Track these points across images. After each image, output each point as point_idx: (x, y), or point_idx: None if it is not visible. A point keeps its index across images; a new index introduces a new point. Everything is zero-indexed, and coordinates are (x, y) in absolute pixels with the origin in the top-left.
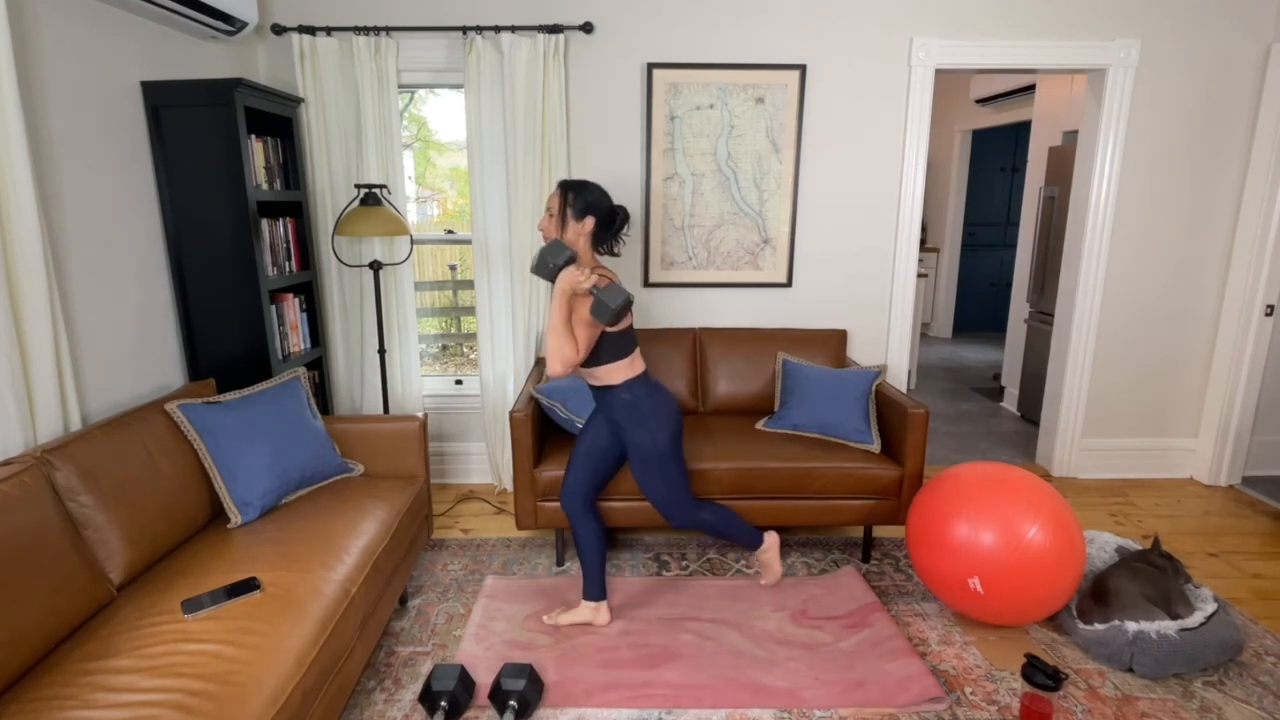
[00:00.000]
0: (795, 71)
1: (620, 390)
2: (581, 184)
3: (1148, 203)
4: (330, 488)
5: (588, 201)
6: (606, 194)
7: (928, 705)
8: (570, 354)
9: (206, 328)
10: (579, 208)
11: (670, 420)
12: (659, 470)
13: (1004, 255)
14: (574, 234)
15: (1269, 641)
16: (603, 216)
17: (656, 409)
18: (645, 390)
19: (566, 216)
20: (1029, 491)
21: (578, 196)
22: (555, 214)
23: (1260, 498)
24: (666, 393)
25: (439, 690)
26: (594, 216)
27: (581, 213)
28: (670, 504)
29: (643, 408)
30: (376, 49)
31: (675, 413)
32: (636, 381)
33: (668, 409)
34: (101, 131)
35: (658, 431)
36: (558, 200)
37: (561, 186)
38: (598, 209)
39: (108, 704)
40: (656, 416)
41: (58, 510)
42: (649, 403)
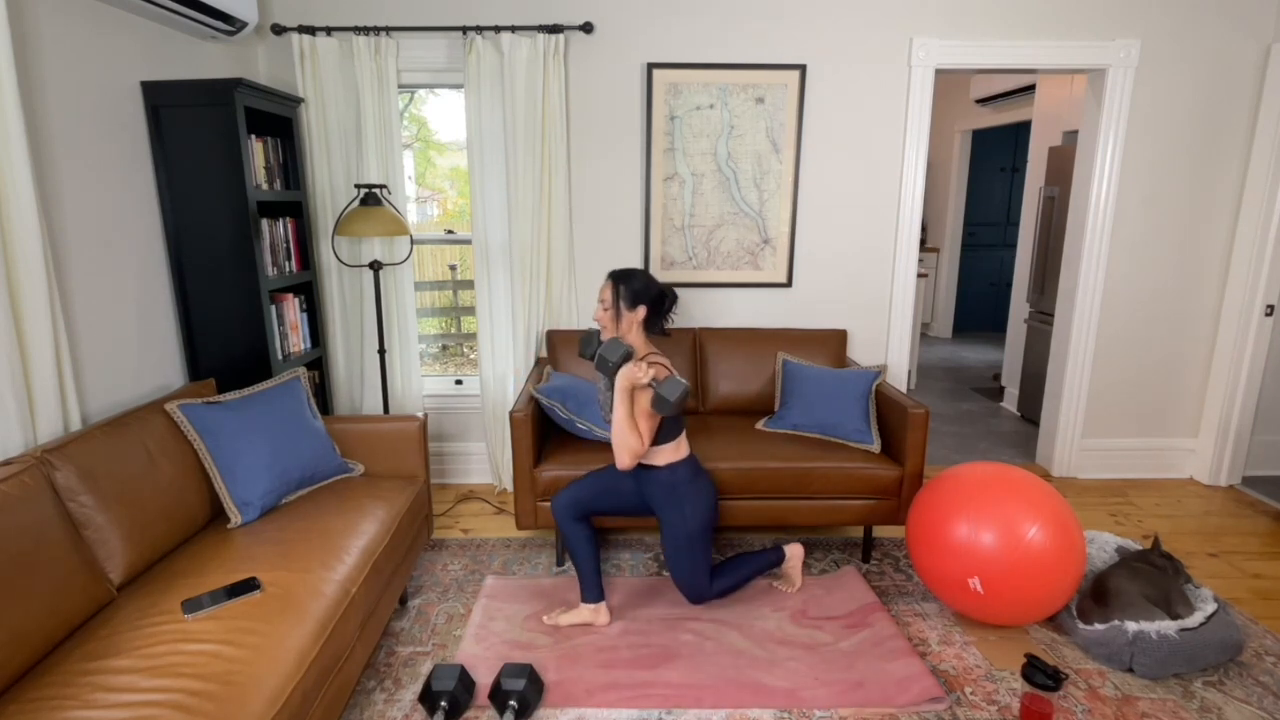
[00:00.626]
0: (795, 71)
1: (663, 472)
2: (629, 274)
3: (1148, 203)
4: (330, 488)
5: (635, 290)
6: (653, 278)
7: (928, 705)
8: (637, 446)
9: (206, 328)
10: (630, 298)
11: (705, 507)
12: (687, 551)
13: (1004, 255)
14: (628, 323)
15: (1269, 641)
16: (652, 302)
17: (696, 494)
18: (688, 474)
19: (620, 308)
20: (1029, 491)
21: (628, 287)
22: (609, 306)
23: (1260, 498)
24: (708, 478)
25: (439, 690)
26: (645, 305)
27: (633, 302)
28: (692, 585)
29: (681, 491)
30: (376, 49)
31: (712, 498)
32: (681, 465)
33: (706, 495)
34: (101, 131)
35: (690, 517)
36: (609, 292)
37: (612, 279)
38: (647, 296)
39: (108, 704)
40: (693, 503)
41: (58, 510)
42: (688, 487)
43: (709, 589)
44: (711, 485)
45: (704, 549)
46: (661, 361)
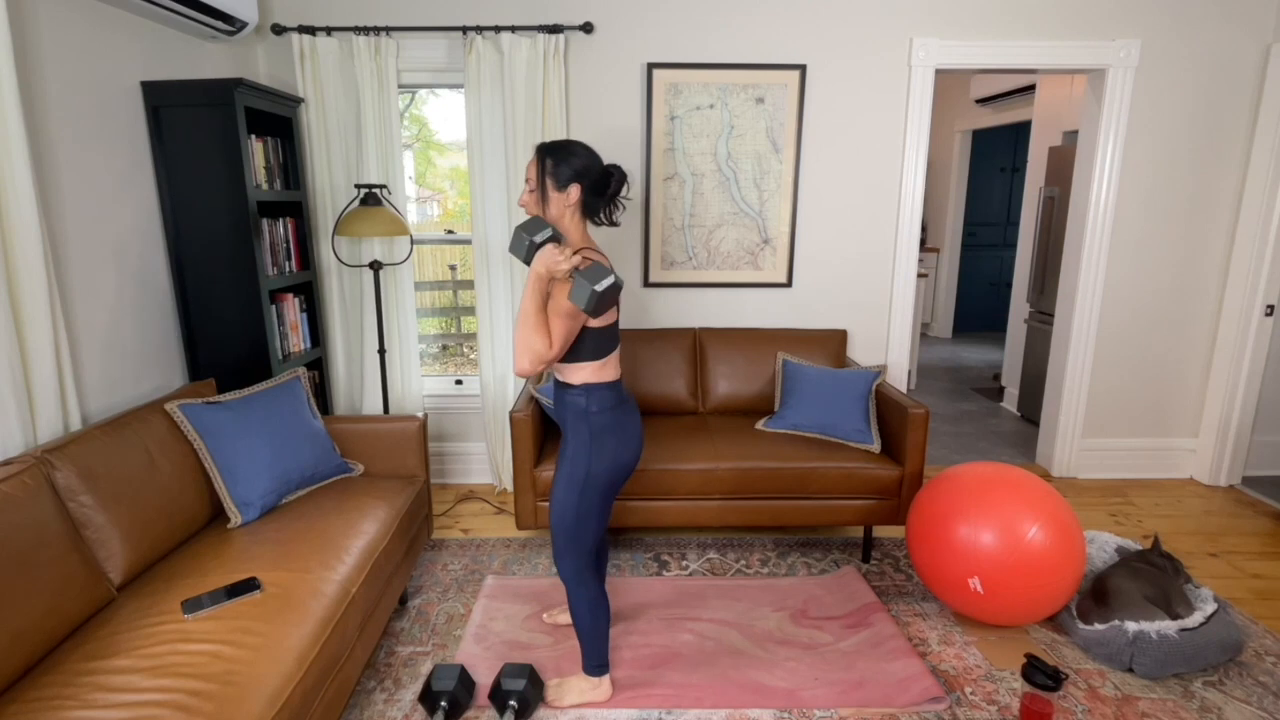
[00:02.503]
0: (795, 71)
1: (576, 392)
2: (562, 146)
3: (1148, 203)
4: (330, 488)
5: (573, 168)
6: (595, 154)
7: (928, 705)
8: (542, 349)
9: (206, 328)
10: (562, 176)
11: (616, 453)
12: (573, 494)
13: (1004, 255)
14: (558, 208)
15: (1269, 641)
16: (593, 181)
17: (605, 430)
18: (608, 401)
19: (546, 187)
20: (1029, 491)
21: (558, 163)
22: (534, 185)
23: (1260, 498)
24: (634, 418)
25: (439, 690)
26: (579, 184)
27: (565, 181)
28: (560, 537)
29: (591, 421)
30: (376, 49)
31: (628, 447)
32: (601, 389)
33: (622, 438)
34: (101, 131)
35: (594, 457)
36: (534, 168)
37: (539, 151)
38: (585, 174)
39: (108, 704)
40: (602, 441)
41: (58, 510)
42: (603, 418)
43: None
44: (634, 429)
45: (597, 505)
46: (595, 254)
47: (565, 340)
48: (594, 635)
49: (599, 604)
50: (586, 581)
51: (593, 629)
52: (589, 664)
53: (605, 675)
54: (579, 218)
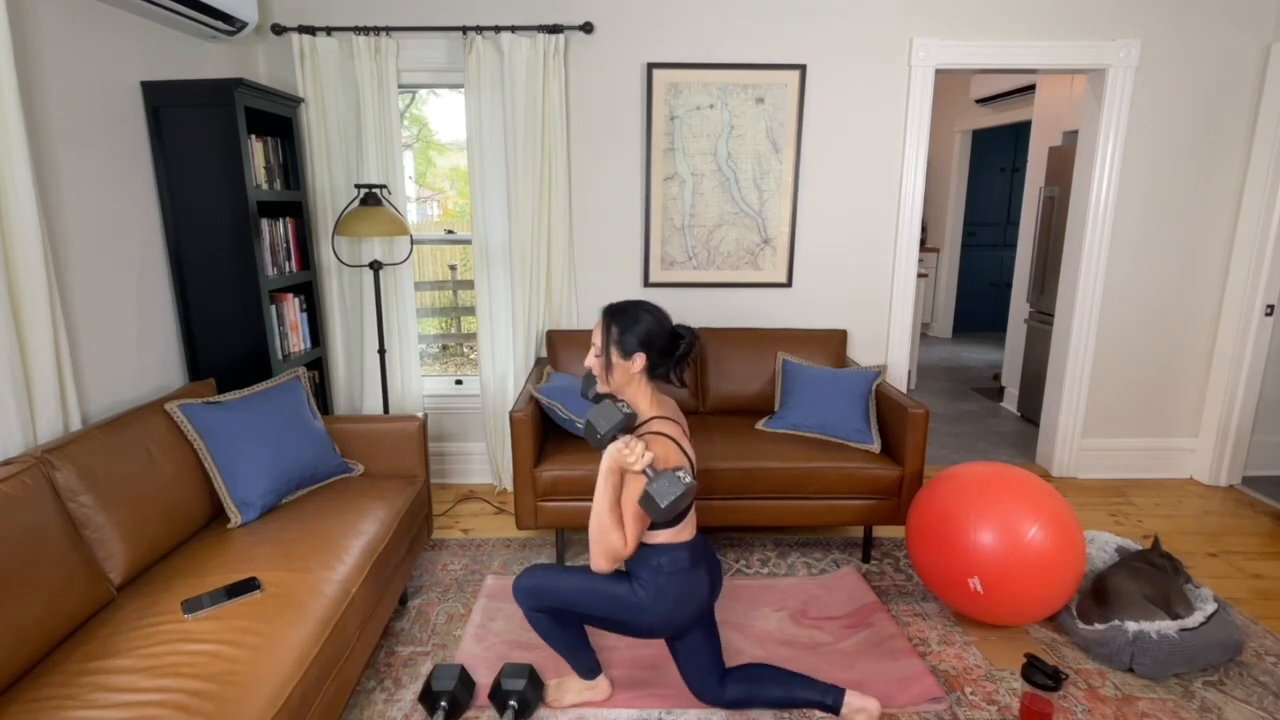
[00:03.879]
0: (795, 71)
1: (651, 551)
2: (629, 311)
3: (1148, 203)
4: (330, 488)
5: (638, 336)
6: (662, 316)
7: (928, 705)
8: (618, 546)
9: (206, 328)
10: (628, 345)
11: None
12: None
13: (1004, 255)
14: (623, 376)
15: (1269, 641)
16: (660, 347)
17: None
18: (683, 564)
19: (611, 355)
20: (1029, 491)
21: (624, 330)
22: (599, 351)
23: (1260, 498)
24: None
25: (439, 690)
26: (645, 353)
27: (627, 348)
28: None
29: (660, 582)
30: (376, 49)
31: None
32: (677, 549)
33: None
34: (101, 131)
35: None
36: (600, 333)
37: (605, 315)
38: (651, 341)
39: (108, 704)
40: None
41: (58, 510)
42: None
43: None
44: (699, 595)
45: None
46: (668, 434)
47: (638, 536)
48: (569, 648)
49: (556, 623)
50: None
51: (564, 643)
52: (578, 672)
53: (599, 675)
54: (645, 383)
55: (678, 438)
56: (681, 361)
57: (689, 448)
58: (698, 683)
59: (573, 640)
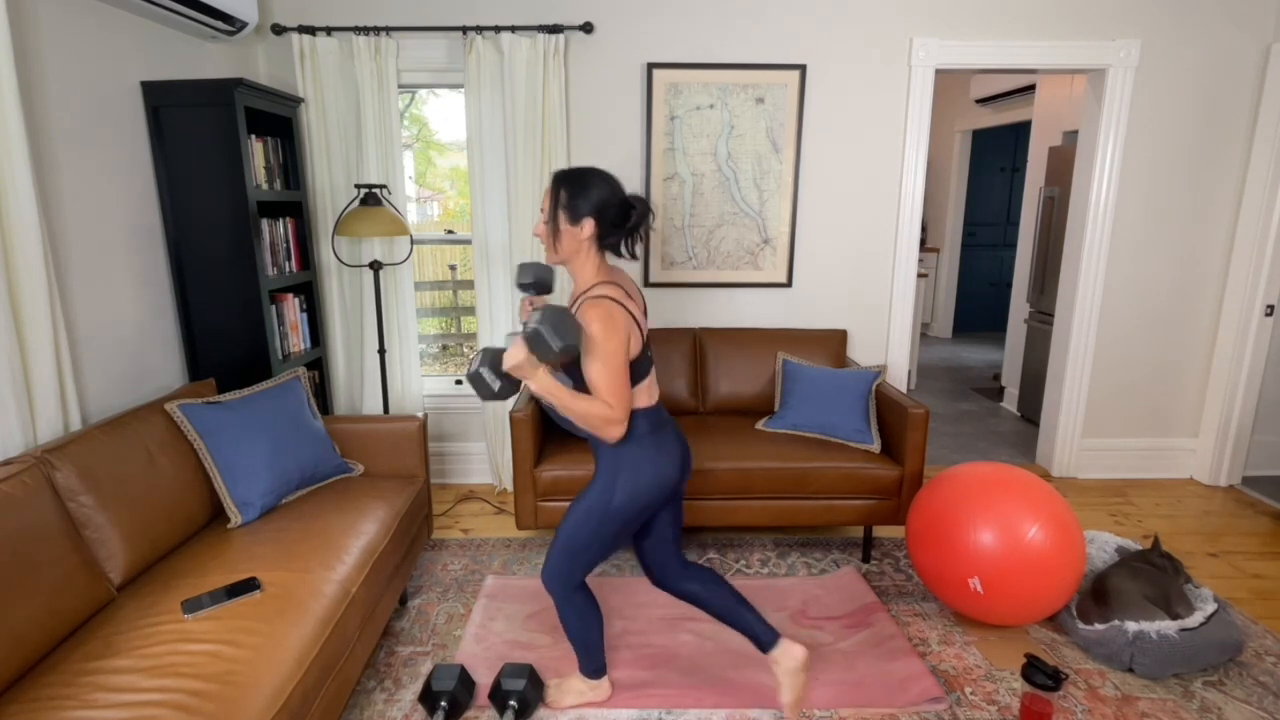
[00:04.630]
0: (795, 71)
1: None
2: (580, 176)
3: (1148, 203)
4: (330, 488)
5: (591, 201)
6: (616, 184)
7: (928, 705)
8: (605, 411)
9: (206, 328)
10: (578, 210)
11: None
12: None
13: (1004, 255)
14: (571, 242)
15: (1269, 641)
16: (612, 215)
17: (637, 460)
18: (641, 429)
19: (559, 220)
20: (1029, 491)
21: (574, 195)
22: (547, 218)
23: (1260, 498)
24: (668, 444)
25: (439, 690)
26: (595, 219)
27: (575, 213)
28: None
29: (620, 453)
30: (376, 49)
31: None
32: (638, 415)
33: (656, 464)
34: (101, 132)
35: (619, 489)
36: (548, 199)
37: (555, 180)
38: (603, 208)
39: (108, 704)
40: (634, 470)
41: (58, 510)
42: (633, 449)
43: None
44: (670, 453)
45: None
46: (609, 295)
47: (617, 388)
48: (587, 643)
49: (588, 612)
50: (572, 597)
51: (585, 638)
52: (585, 669)
53: (603, 677)
54: (594, 253)
55: (620, 299)
56: (633, 232)
57: (636, 310)
58: (662, 569)
59: (594, 636)
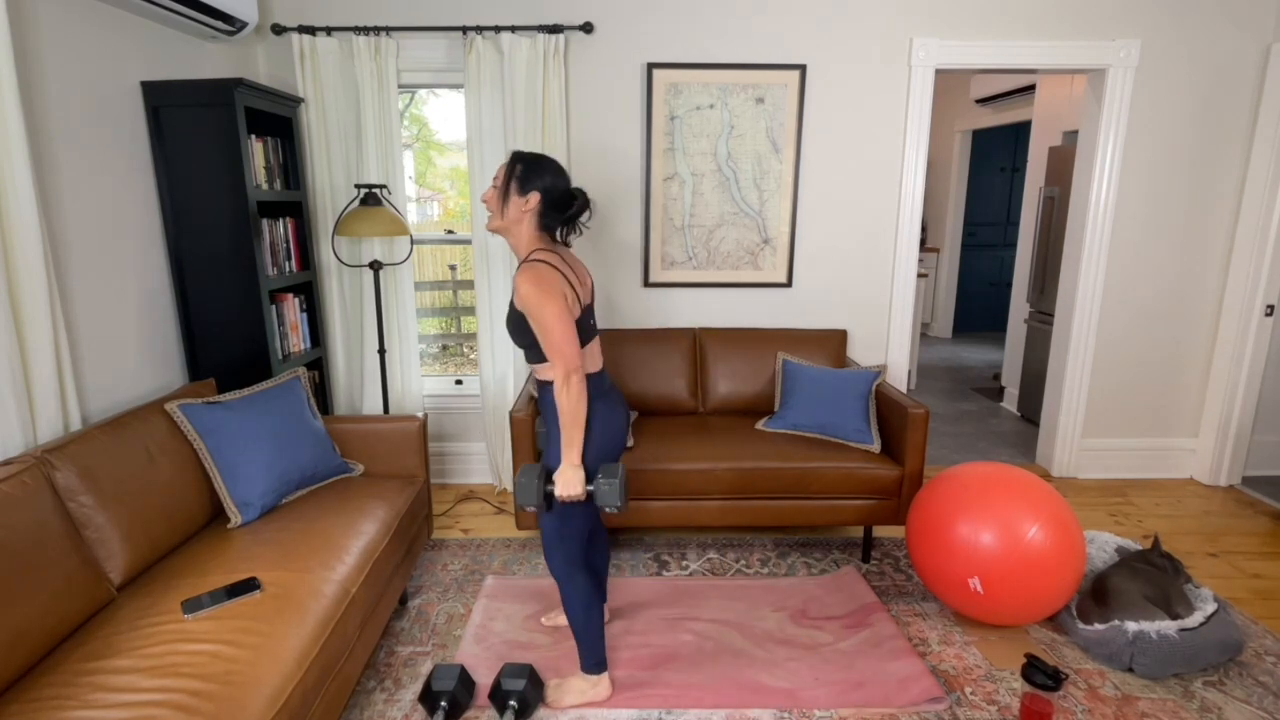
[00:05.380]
0: (795, 71)
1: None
2: (535, 158)
3: (1148, 203)
4: (330, 488)
5: (540, 180)
6: (565, 175)
7: (928, 705)
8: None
9: (206, 328)
10: (523, 179)
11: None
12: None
13: (1004, 255)
14: (516, 210)
15: (1269, 641)
16: (555, 198)
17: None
18: (593, 391)
19: (509, 189)
20: (1029, 491)
21: (527, 170)
22: (499, 184)
23: (1260, 498)
24: (616, 410)
25: (439, 690)
26: (540, 193)
27: (525, 185)
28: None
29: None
30: (376, 49)
31: (611, 437)
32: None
33: (604, 429)
34: (101, 131)
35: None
36: (503, 170)
37: (512, 156)
38: (549, 189)
39: (108, 704)
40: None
41: (58, 510)
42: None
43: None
44: (617, 420)
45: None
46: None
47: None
48: (588, 632)
49: (592, 601)
50: (575, 578)
51: (586, 626)
52: (586, 662)
53: (604, 673)
54: (534, 226)
55: (555, 264)
56: (572, 221)
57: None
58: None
59: (595, 624)
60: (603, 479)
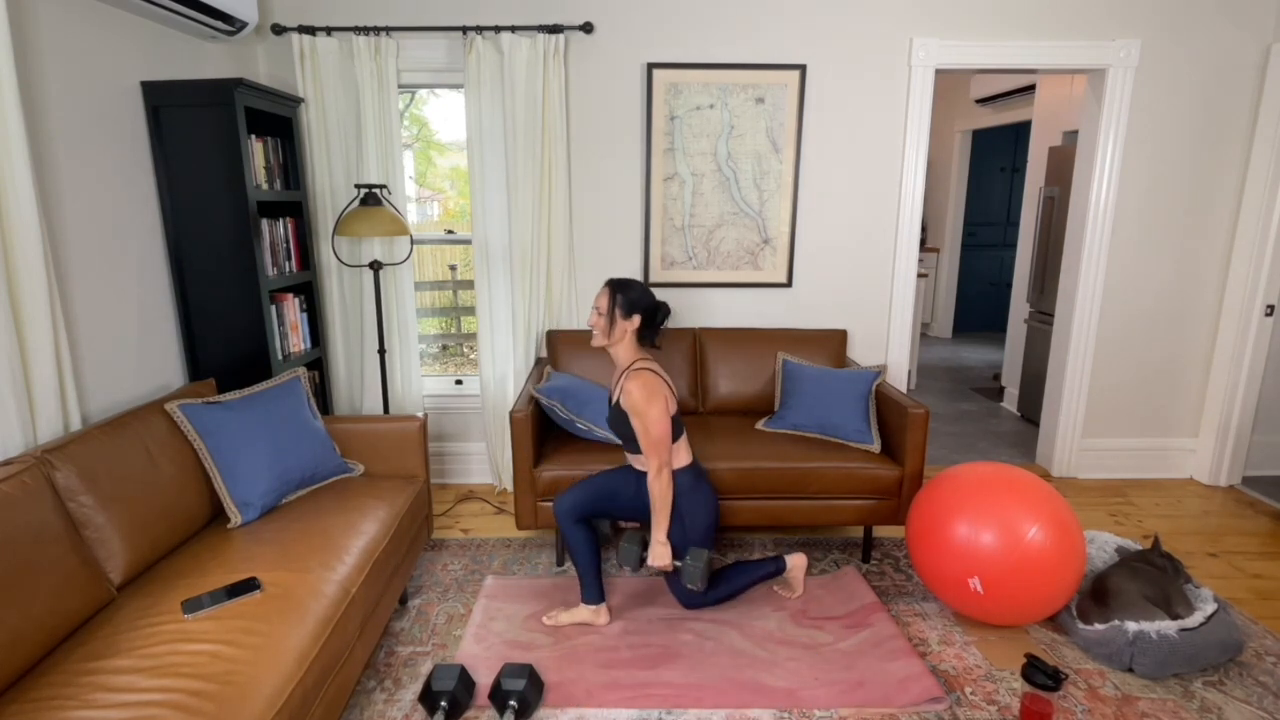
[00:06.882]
0: (795, 71)
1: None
2: (627, 284)
3: (1148, 203)
4: (330, 488)
5: (631, 300)
6: (649, 291)
7: (928, 705)
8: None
9: (206, 328)
10: (625, 306)
11: (704, 518)
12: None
13: (1004, 255)
14: (621, 331)
15: (1269, 641)
16: (646, 312)
17: (694, 506)
18: (687, 483)
19: (615, 315)
20: (1029, 491)
21: (625, 296)
22: (604, 313)
23: (1260, 498)
24: (709, 486)
25: (439, 690)
26: (639, 314)
27: (628, 310)
28: (687, 592)
29: (679, 502)
30: (376, 49)
31: (712, 508)
32: (680, 473)
33: (705, 505)
34: (101, 131)
35: (689, 529)
36: (606, 299)
37: (609, 286)
38: (642, 306)
39: (108, 704)
40: (691, 514)
41: (58, 510)
42: (687, 499)
43: (704, 595)
44: (712, 493)
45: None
46: (649, 367)
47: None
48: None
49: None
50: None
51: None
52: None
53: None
54: (633, 340)
55: (657, 370)
56: (659, 326)
57: (666, 376)
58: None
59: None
60: (690, 560)
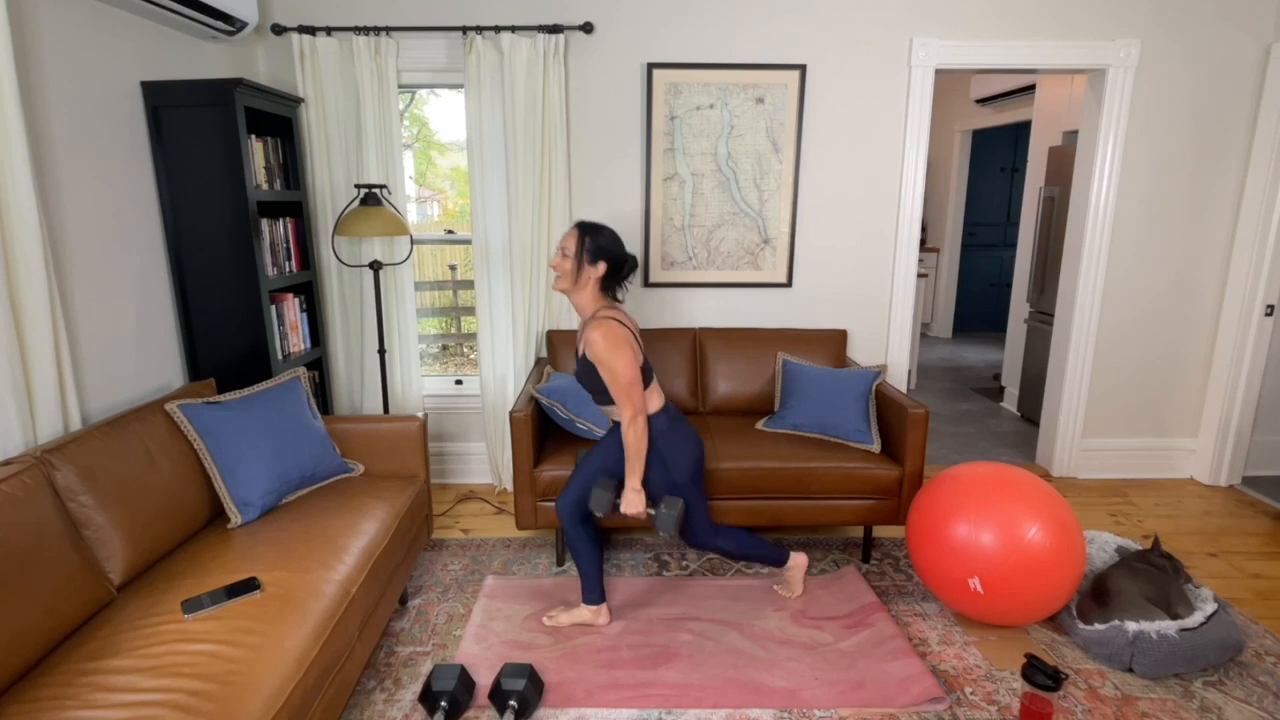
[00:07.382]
0: (795, 71)
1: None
2: (597, 227)
3: (1148, 203)
4: (330, 488)
5: (600, 245)
6: (620, 240)
7: (928, 705)
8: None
9: (206, 328)
10: (594, 251)
11: (686, 458)
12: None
13: (1004, 255)
14: (586, 277)
15: (1269, 641)
16: (614, 261)
17: (672, 447)
18: (664, 425)
19: (582, 260)
20: (1029, 491)
21: (593, 240)
22: (571, 255)
23: (1260, 498)
24: (686, 428)
25: (439, 690)
26: (606, 262)
27: (595, 256)
28: (689, 527)
29: (658, 445)
30: (376, 49)
31: (693, 447)
32: (655, 417)
33: (685, 444)
34: (101, 131)
35: (672, 470)
36: (574, 242)
37: (578, 228)
38: (611, 255)
39: (108, 704)
40: (671, 456)
41: (58, 510)
42: (664, 440)
43: (711, 535)
44: (693, 433)
45: (696, 495)
46: (614, 316)
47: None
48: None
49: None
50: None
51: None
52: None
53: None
54: (597, 288)
55: (622, 318)
56: (624, 279)
57: (632, 324)
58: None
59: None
60: (664, 508)
